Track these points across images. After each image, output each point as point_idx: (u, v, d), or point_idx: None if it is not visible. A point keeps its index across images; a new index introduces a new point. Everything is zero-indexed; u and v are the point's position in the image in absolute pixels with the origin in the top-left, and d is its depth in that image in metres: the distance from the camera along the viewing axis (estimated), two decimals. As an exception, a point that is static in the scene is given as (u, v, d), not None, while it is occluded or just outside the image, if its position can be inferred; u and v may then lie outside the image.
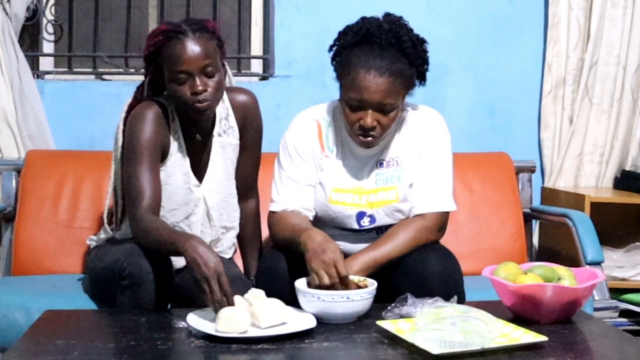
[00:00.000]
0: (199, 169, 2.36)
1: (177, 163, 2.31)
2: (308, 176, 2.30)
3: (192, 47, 2.20)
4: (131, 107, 2.33)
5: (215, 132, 2.38)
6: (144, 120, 2.24)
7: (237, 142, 2.44)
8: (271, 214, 2.31)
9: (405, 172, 2.31)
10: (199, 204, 2.34)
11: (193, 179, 2.33)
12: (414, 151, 2.32)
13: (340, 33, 2.30)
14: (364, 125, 2.20)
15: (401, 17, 2.29)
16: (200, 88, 2.19)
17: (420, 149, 2.32)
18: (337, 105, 2.36)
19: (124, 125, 2.31)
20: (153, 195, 2.18)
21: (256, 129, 2.47)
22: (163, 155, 2.28)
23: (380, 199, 2.30)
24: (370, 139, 2.22)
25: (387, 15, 2.28)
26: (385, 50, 2.20)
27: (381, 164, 2.32)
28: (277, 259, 2.19)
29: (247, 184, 2.50)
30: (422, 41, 2.29)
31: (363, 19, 2.28)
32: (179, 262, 2.31)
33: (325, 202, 2.30)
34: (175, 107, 2.31)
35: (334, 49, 2.30)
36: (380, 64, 2.18)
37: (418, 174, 2.31)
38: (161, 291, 2.09)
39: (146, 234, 2.10)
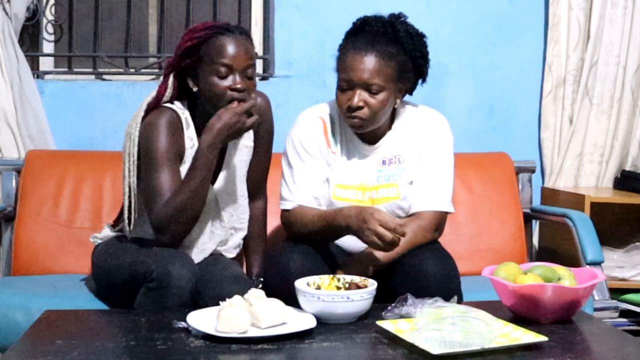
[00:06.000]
0: (214, 171, 2.35)
1: None
2: (318, 171, 2.32)
3: (239, 45, 2.25)
4: (149, 107, 2.32)
5: None
6: (158, 129, 2.26)
7: (252, 144, 2.45)
8: (285, 212, 2.33)
9: (407, 171, 2.32)
10: (210, 206, 2.34)
11: None
12: (416, 150, 2.33)
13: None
14: (350, 105, 2.23)
15: (405, 16, 2.32)
16: (239, 86, 2.22)
17: (422, 148, 2.33)
18: None
19: (141, 123, 2.31)
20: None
21: (269, 131, 2.49)
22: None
23: (382, 196, 2.32)
24: (357, 120, 2.25)
25: (392, 14, 2.32)
26: (379, 36, 2.26)
27: (383, 161, 2.33)
28: (288, 256, 2.19)
29: (257, 184, 2.50)
30: (421, 35, 2.32)
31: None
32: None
33: (329, 198, 2.31)
34: (191, 112, 2.31)
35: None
36: (370, 45, 2.24)
37: (418, 173, 2.32)
38: (185, 296, 2.11)
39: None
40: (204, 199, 2.24)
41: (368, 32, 2.26)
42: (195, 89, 2.30)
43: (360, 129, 2.29)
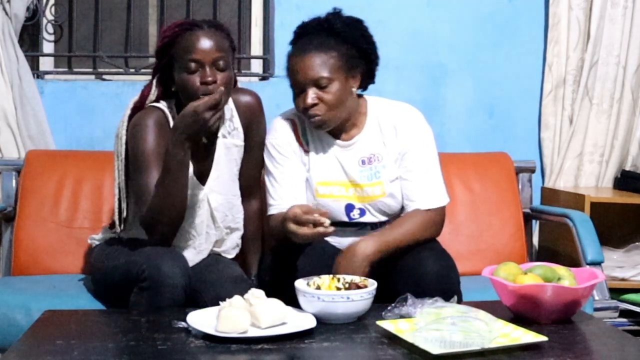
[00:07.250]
0: (203, 170, 2.35)
1: None
2: (295, 173, 2.33)
3: (206, 39, 2.24)
4: (136, 106, 2.34)
5: (219, 134, 2.38)
6: (145, 129, 2.26)
7: (242, 143, 2.44)
8: (269, 217, 2.34)
9: (387, 168, 2.33)
10: (202, 206, 2.33)
11: (196, 184, 2.32)
12: (395, 148, 2.34)
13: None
14: (304, 106, 2.25)
15: (341, 9, 2.36)
16: (210, 78, 2.21)
17: (402, 146, 2.33)
18: None
19: (128, 122, 2.32)
20: None
21: (260, 130, 2.48)
22: None
23: (367, 194, 2.33)
24: (316, 118, 2.27)
25: (329, 12, 2.36)
26: (316, 35, 2.30)
27: (363, 161, 2.34)
28: (281, 257, 2.19)
29: (250, 184, 2.50)
30: (358, 21, 2.35)
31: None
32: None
33: (312, 197, 2.32)
34: (178, 111, 2.31)
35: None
36: (308, 45, 2.27)
37: (407, 173, 2.33)
38: (178, 295, 2.11)
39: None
40: (183, 197, 2.21)
41: (307, 35, 2.31)
42: (173, 89, 2.32)
43: (323, 127, 2.31)
